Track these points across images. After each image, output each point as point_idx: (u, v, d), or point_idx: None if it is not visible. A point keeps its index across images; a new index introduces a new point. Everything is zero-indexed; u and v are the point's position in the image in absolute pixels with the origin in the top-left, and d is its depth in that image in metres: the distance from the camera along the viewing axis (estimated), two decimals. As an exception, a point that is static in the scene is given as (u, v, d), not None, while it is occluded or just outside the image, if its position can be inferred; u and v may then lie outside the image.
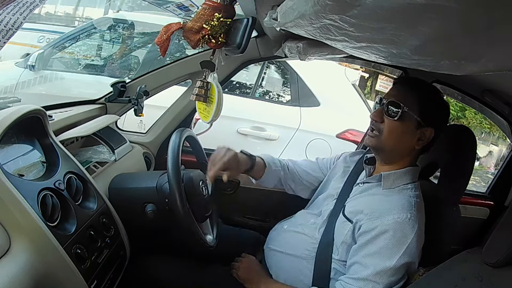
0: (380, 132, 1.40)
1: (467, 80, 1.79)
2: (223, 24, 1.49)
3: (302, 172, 1.76)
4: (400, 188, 1.41)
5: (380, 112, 1.41)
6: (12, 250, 1.02)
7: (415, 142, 1.39)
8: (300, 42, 1.48)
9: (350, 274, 1.32)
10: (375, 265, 1.26)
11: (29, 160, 1.27)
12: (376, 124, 1.41)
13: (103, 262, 1.27)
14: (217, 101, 1.59)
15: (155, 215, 1.49)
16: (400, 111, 1.35)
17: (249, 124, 4.00)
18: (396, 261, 1.25)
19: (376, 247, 1.28)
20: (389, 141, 1.39)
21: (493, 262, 1.11)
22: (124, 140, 1.93)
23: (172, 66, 2.11)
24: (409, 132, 1.38)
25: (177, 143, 1.43)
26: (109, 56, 5.19)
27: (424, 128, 1.37)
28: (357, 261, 1.32)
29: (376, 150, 1.48)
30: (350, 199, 1.49)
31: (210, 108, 1.62)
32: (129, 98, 1.96)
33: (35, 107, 1.25)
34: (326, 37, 0.80)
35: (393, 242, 1.26)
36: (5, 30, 0.78)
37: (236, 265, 1.58)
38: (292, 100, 4.17)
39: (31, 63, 4.24)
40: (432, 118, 1.37)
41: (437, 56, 0.70)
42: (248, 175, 1.73)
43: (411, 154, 1.44)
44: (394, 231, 1.27)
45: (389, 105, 1.38)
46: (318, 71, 4.11)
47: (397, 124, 1.37)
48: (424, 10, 0.49)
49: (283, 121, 4.05)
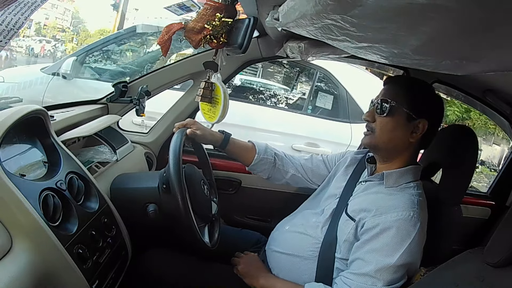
0: (373, 130, 1.42)
1: (468, 80, 1.79)
2: (225, 24, 1.49)
3: (305, 163, 1.80)
4: (402, 186, 1.41)
5: (371, 112, 1.44)
6: (13, 250, 1.01)
7: (409, 135, 1.40)
8: (301, 42, 1.48)
9: (352, 269, 1.33)
10: (377, 261, 1.26)
11: (31, 160, 1.27)
12: (369, 124, 1.44)
13: (105, 262, 1.26)
14: (223, 101, 1.59)
15: (157, 215, 1.49)
16: (388, 106, 1.38)
17: (303, 140, 4.04)
18: (398, 259, 1.25)
19: (378, 244, 1.28)
20: (383, 137, 1.41)
21: (495, 262, 1.11)
22: (125, 140, 1.94)
23: (173, 66, 2.11)
24: (400, 126, 1.39)
25: (178, 143, 1.43)
26: (147, 65, 4.97)
27: (416, 121, 1.38)
28: (358, 257, 1.32)
29: (373, 149, 1.49)
30: (353, 198, 1.49)
31: (216, 109, 1.63)
32: (131, 98, 1.96)
33: (36, 107, 1.25)
34: (327, 37, 0.80)
35: (396, 240, 1.27)
36: (7, 30, 0.78)
37: (237, 260, 1.58)
38: (342, 116, 4.20)
39: (65, 71, 4.00)
40: (423, 109, 1.38)
41: (438, 56, 0.70)
42: (238, 160, 1.80)
43: (409, 149, 1.44)
44: (397, 229, 1.27)
45: (379, 103, 1.41)
46: (367, 88, 4.07)
47: (387, 119, 1.39)
48: (425, 10, 0.49)
49: (335, 137, 4.08)
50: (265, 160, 1.75)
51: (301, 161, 1.80)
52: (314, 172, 1.78)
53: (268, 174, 1.78)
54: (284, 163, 1.79)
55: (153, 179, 1.54)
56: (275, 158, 1.77)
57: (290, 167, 1.78)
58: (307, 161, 1.81)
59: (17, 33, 0.82)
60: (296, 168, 1.78)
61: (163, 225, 1.53)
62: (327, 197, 1.62)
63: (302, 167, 1.79)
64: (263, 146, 1.78)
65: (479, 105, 2.02)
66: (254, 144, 1.77)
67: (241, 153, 1.76)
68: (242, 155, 1.77)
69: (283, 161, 1.79)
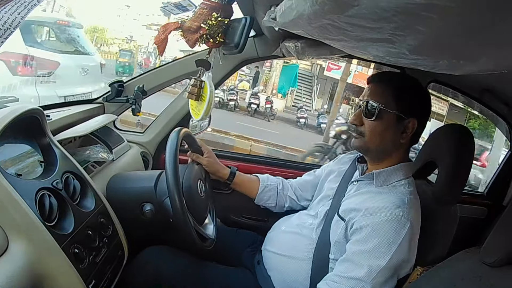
0: (363, 134, 1.41)
1: (465, 80, 1.79)
2: (221, 24, 1.49)
3: (302, 184, 1.85)
4: (393, 185, 1.40)
5: (358, 115, 1.41)
6: (10, 250, 1.01)
7: (400, 136, 1.39)
8: (298, 42, 1.48)
9: (339, 272, 1.29)
10: (366, 264, 1.24)
11: (27, 160, 1.27)
12: (357, 128, 1.42)
13: (101, 261, 1.26)
14: (208, 99, 1.59)
15: (153, 214, 1.49)
16: (377, 109, 1.35)
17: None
18: (388, 261, 1.23)
19: (367, 246, 1.26)
20: (373, 141, 1.40)
21: (491, 262, 1.11)
22: (121, 139, 1.93)
23: (170, 65, 2.11)
24: (391, 128, 1.38)
25: (174, 143, 1.43)
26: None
27: (405, 120, 1.37)
28: (347, 259, 1.30)
29: (363, 152, 1.48)
30: (345, 198, 1.49)
31: (201, 106, 1.63)
32: (127, 98, 1.96)
33: (32, 107, 1.25)
34: (324, 36, 0.80)
35: (385, 241, 1.25)
36: (3, 30, 0.78)
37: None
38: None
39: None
40: (411, 108, 1.37)
41: (435, 56, 0.70)
42: (245, 192, 1.89)
43: (400, 149, 1.44)
44: (386, 230, 1.26)
45: (366, 106, 1.38)
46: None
47: (377, 123, 1.37)
48: (422, 10, 0.49)
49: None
50: (270, 186, 1.84)
51: (293, 181, 1.89)
52: (303, 186, 1.84)
53: (275, 201, 1.84)
54: (284, 186, 1.86)
55: (149, 179, 1.54)
56: (277, 183, 1.85)
57: (288, 190, 1.85)
58: (298, 179, 1.89)
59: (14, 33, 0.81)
60: (291, 189, 1.85)
61: (159, 225, 1.53)
62: (321, 199, 1.62)
63: (294, 185, 1.86)
64: (265, 175, 1.88)
65: (477, 105, 2.03)
66: (256, 176, 1.87)
67: (248, 184, 1.87)
68: (249, 186, 1.87)
69: (283, 185, 1.86)
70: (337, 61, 17.30)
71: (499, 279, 1.08)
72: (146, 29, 28.94)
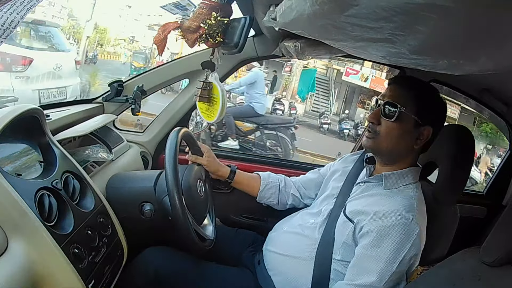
0: (377, 134, 1.40)
1: (465, 80, 1.79)
2: (220, 23, 1.49)
3: (305, 182, 1.85)
4: (401, 188, 1.40)
5: (377, 113, 1.40)
6: (9, 250, 1.01)
7: (414, 141, 1.39)
8: (298, 42, 1.48)
9: (350, 279, 1.30)
10: (376, 269, 1.25)
11: (26, 160, 1.26)
12: (373, 126, 1.41)
13: (101, 261, 1.26)
14: (221, 100, 1.60)
15: (153, 214, 1.49)
16: (397, 111, 1.34)
17: None
18: (399, 264, 1.24)
19: (377, 250, 1.27)
20: (387, 142, 1.39)
21: (491, 262, 1.11)
22: (121, 139, 1.93)
23: (169, 65, 2.11)
24: (407, 132, 1.37)
25: (174, 142, 1.42)
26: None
27: (422, 127, 1.37)
28: (357, 264, 1.31)
29: (375, 152, 1.48)
30: (351, 199, 1.49)
31: (214, 108, 1.63)
32: (126, 97, 1.95)
33: (32, 106, 1.25)
34: (324, 36, 0.81)
35: (395, 245, 1.25)
36: (2, 29, 0.77)
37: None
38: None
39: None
40: (430, 116, 1.37)
41: (435, 56, 0.70)
42: (246, 191, 1.88)
43: (411, 154, 1.44)
44: (396, 234, 1.26)
45: (386, 106, 1.37)
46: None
47: (395, 125, 1.36)
48: (422, 10, 0.49)
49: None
50: (271, 184, 1.82)
51: (296, 179, 1.87)
52: (307, 184, 1.83)
53: (277, 199, 1.83)
54: (286, 184, 1.84)
55: (149, 179, 1.54)
56: (279, 181, 1.83)
57: (291, 188, 1.83)
58: (301, 177, 1.87)
59: (13, 32, 0.81)
60: (294, 187, 1.84)
61: (158, 225, 1.53)
62: (325, 198, 1.62)
63: (297, 183, 1.85)
64: (266, 173, 1.86)
65: (476, 105, 2.03)
66: (257, 173, 1.86)
67: (249, 182, 1.86)
68: (250, 184, 1.85)
69: (285, 182, 1.84)
70: (355, 65, 17.40)
71: (499, 279, 1.08)
72: (148, 29, 28.87)
